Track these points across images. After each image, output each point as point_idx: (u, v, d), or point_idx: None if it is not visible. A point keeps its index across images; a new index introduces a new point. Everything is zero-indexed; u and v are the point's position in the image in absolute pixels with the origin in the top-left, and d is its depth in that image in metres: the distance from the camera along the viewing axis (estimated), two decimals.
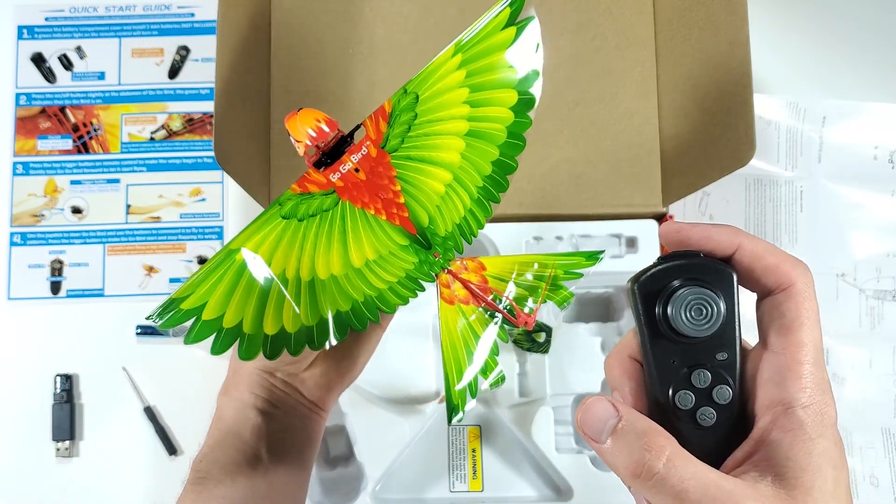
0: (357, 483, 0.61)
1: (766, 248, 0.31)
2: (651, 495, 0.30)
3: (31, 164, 0.69)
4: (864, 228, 0.71)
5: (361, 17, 0.65)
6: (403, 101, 0.40)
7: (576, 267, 0.44)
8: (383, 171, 0.40)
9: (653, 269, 0.32)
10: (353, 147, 0.40)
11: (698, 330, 0.30)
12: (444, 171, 0.41)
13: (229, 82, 0.56)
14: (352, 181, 0.40)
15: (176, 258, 0.68)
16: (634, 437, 0.30)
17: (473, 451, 0.62)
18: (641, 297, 0.31)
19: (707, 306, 0.30)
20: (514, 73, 0.41)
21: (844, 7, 0.74)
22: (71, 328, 0.67)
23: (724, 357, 0.31)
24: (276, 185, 0.63)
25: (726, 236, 0.32)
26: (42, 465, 0.65)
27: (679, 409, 0.31)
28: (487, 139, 0.42)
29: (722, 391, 0.31)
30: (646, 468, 0.29)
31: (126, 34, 0.71)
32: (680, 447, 0.30)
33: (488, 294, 0.42)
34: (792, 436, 0.29)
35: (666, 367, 0.31)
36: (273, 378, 0.45)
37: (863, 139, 0.72)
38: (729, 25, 0.56)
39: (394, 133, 0.40)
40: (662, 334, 0.31)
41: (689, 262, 0.31)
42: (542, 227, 0.64)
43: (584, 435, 0.32)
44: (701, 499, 0.29)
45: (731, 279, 0.31)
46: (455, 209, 0.42)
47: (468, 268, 0.43)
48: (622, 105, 0.65)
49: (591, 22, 0.65)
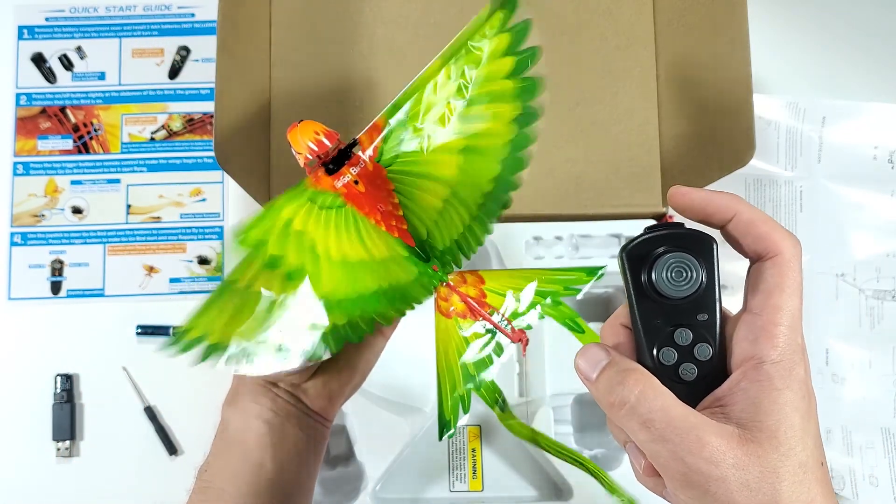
0: (357, 483, 0.61)
1: (760, 217, 0.33)
2: (624, 424, 0.32)
3: (32, 164, 0.69)
4: (864, 228, 0.71)
5: (361, 17, 0.65)
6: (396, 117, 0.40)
7: (576, 283, 0.44)
8: (381, 184, 0.40)
9: (640, 238, 0.34)
10: (353, 159, 0.40)
11: (679, 290, 0.33)
12: (441, 186, 0.41)
13: (229, 82, 0.56)
14: (353, 192, 0.39)
15: (176, 258, 0.68)
16: (616, 374, 0.33)
17: (473, 451, 0.62)
18: (629, 262, 0.34)
19: (687, 269, 0.33)
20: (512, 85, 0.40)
21: (844, 7, 0.74)
22: (71, 328, 0.67)
23: (704, 318, 0.33)
24: (276, 185, 0.64)
25: (726, 202, 0.33)
26: (42, 465, 0.65)
27: (662, 365, 0.33)
28: (486, 154, 0.41)
29: (702, 349, 0.33)
30: (620, 398, 0.32)
31: (126, 34, 0.71)
32: (656, 384, 0.32)
33: (485, 308, 0.42)
34: (759, 385, 0.31)
35: (651, 327, 0.34)
36: (276, 389, 0.45)
37: (863, 139, 0.72)
38: (729, 25, 0.56)
39: (388, 148, 0.40)
40: (648, 297, 0.34)
41: (672, 232, 0.34)
42: (542, 227, 0.64)
43: (580, 374, 0.34)
44: (665, 428, 0.30)
45: (711, 246, 0.33)
46: (453, 225, 0.41)
47: (467, 281, 0.42)
48: (622, 105, 0.65)
49: (591, 22, 0.65)
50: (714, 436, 0.30)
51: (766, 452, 0.29)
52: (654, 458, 0.32)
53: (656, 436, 0.31)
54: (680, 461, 0.30)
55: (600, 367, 0.34)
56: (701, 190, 0.34)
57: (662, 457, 0.31)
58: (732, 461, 0.29)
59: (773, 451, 0.29)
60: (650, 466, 0.33)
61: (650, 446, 0.31)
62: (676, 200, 0.34)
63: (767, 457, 0.29)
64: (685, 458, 0.30)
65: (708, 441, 0.30)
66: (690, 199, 0.34)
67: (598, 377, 0.33)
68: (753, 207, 0.33)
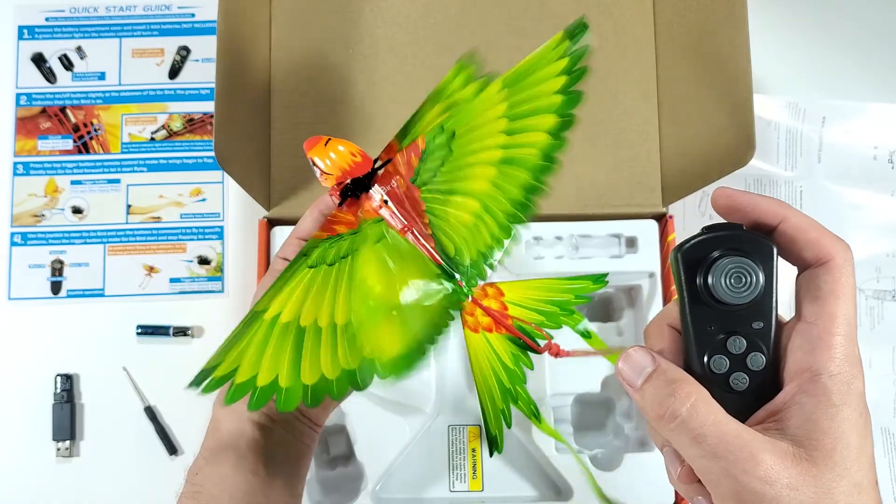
0: (357, 483, 0.61)
1: (809, 222, 0.32)
2: (673, 437, 0.31)
3: (32, 165, 0.69)
4: (864, 228, 0.71)
5: (361, 17, 0.65)
6: (439, 137, 0.39)
7: (584, 291, 0.44)
8: (413, 204, 0.39)
9: (696, 239, 0.33)
10: (379, 178, 0.39)
11: (737, 297, 0.31)
12: (474, 200, 0.40)
13: (229, 82, 0.56)
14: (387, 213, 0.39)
15: (176, 258, 0.68)
16: (665, 383, 0.31)
17: (473, 451, 0.62)
18: (684, 264, 0.32)
19: (746, 275, 0.31)
20: (559, 99, 0.40)
21: (844, 7, 0.74)
22: (71, 328, 0.67)
23: (759, 326, 0.32)
24: (276, 185, 0.64)
25: (773, 207, 0.32)
26: (42, 465, 0.65)
27: (713, 373, 0.32)
28: (520, 164, 0.41)
29: (756, 358, 0.32)
30: (670, 411, 0.31)
31: (126, 34, 0.71)
32: (708, 397, 0.31)
33: (509, 320, 0.42)
34: (816, 401, 0.30)
35: (703, 333, 0.32)
36: None
37: (862, 139, 0.72)
38: (729, 25, 0.56)
39: (425, 168, 0.39)
40: (702, 301, 0.32)
41: (731, 234, 0.32)
42: (542, 227, 0.64)
43: (622, 380, 0.33)
44: (717, 444, 0.29)
45: (771, 251, 0.32)
46: (481, 237, 0.41)
47: (488, 294, 0.42)
48: (622, 105, 0.65)
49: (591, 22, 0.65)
50: (769, 454, 0.29)
51: (822, 472, 0.29)
52: (703, 473, 0.31)
53: (708, 452, 0.30)
54: (732, 479, 0.29)
55: (646, 374, 0.32)
56: (747, 192, 0.33)
57: (713, 473, 0.30)
58: (787, 481, 0.28)
59: (829, 471, 0.29)
60: (688, 473, 0.32)
61: (700, 462, 0.30)
62: (721, 202, 0.33)
63: (822, 476, 0.29)
64: (738, 477, 0.29)
65: (762, 459, 0.29)
66: (736, 201, 0.33)
67: (644, 385, 0.32)
68: (801, 213, 0.32)
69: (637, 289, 0.64)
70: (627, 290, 0.65)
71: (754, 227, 0.33)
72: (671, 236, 0.62)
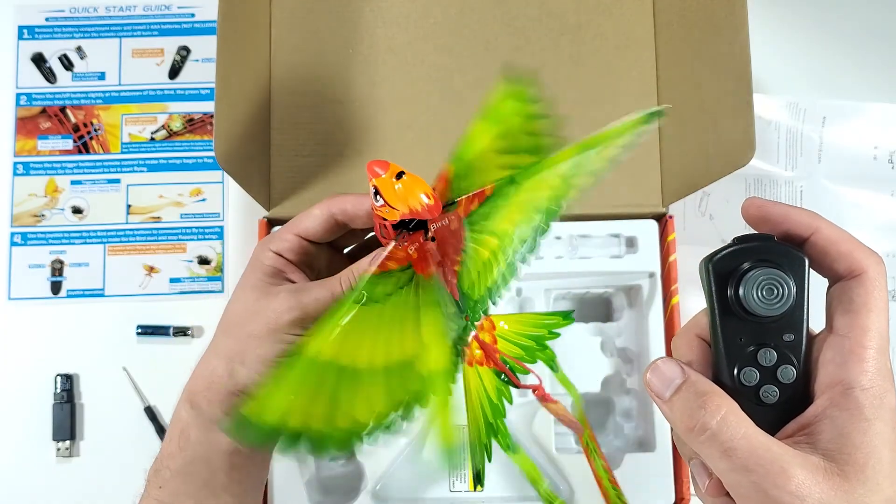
0: (357, 483, 0.61)
1: (841, 234, 0.32)
2: (702, 450, 0.31)
3: (32, 164, 0.69)
4: (864, 228, 0.70)
5: (361, 17, 0.65)
6: (507, 189, 0.39)
7: (556, 326, 0.45)
8: (455, 242, 0.38)
9: (727, 250, 0.32)
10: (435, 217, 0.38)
11: (768, 309, 0.31)
12: (495, 238, 0.40)
13: (229, 82, 0.56)
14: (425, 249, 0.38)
15: (176, 258, 0.68)
16: (694, 395, 0.31)
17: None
18: (715, 275, 0.32)
19: (778, 287, 0.31)
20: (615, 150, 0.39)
21: (844, 7, 0.74)
22: (71, 328, 0.67)
23: (790, 338, 0.32)
24: (276, 185, 0.64)
25: (805, 218, 0.32)
26: (42, 465, 0.65)
27: (743, 386, 0.32)
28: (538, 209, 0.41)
29: (786, 371, 0.32)
30: (700, 424, 0.30)
31: (126, 34, 0.71)
32: (738, 410, 0.31)
33: (497, 354, 0.42)
34: (848, 415, 0.29)
35: (733, 345, 0.32)
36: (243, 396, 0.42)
37: (863, 139, 0.72)
38: (729, 25, 0.56)
39: (480, 212, 0.39)
40: (732, 313, 0.32)
41: (763, 245, 0.32)
42: None
43: (651, 392, 0.33)
44: (748, 458, 0.29)
45: (803, 263, 0.32)
46: (490, 273, 0.41)
47: (483, 326, 0.42)
48: (622, 105, 0.65)
49: (591, 22, 0.65)
50: (800, 468, 0.29)
51: (853, 487, 0.28)
52: (732, 487, 0.30)
53: (738, 465, 0.29)
54: (763, 493, 0.29)
55: (674, 385, 0.32)
56: (778, 203, 0.33)
57: (743, 487, 0.30)
58: (818, 496, 0.28)
59: (861, 486, 0.28)
60: (716, 486, 0.32)
61: (730, 475, 0.30)
62: (751, 213, 0.33)
63: (854, 492, 0.28)
64: (769, 491, 0.29)
65: (794, 474, 0.29)
66: (767, 212, 0.33)
67: (673, 397, 0.32)
68: (834, 225, 0.32)
69: (637, 289, 0.64)
70: (627, 290, 0.65)
71: (785, 237, 0.33)
72: (671, 236, 0.62)
